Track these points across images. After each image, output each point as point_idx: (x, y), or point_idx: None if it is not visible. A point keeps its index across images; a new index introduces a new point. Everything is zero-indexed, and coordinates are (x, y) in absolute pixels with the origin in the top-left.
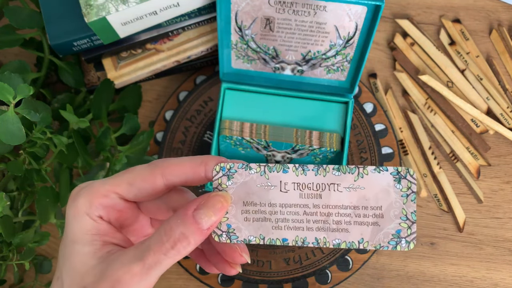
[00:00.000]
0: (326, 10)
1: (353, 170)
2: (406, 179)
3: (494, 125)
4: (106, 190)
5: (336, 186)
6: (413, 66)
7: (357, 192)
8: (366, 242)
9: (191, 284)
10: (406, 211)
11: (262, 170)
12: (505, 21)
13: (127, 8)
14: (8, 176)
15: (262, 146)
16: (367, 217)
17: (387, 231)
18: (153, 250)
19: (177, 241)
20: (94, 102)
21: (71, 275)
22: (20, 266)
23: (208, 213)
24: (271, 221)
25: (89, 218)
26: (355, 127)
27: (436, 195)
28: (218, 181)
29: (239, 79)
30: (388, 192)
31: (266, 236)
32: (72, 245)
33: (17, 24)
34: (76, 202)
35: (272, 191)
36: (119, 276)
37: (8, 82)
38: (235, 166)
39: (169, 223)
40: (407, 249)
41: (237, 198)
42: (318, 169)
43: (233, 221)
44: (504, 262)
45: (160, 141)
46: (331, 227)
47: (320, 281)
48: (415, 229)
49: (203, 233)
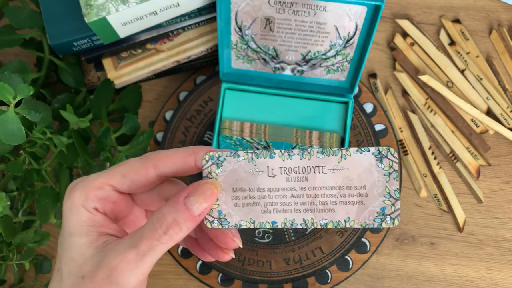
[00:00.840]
0: (326, 10)
1: (337, 152)
2: (387, 158)
3: (494, 125)
4: (101, 183)
5: (321, 168)
6: (413, 66)
7: (341, 173)
8: (352, 221)
9: (191, 284)
10: (389, 189)
11: (249, 157)
12: (505, 21)
13: (127, 8)
14: (8, 176)
15: (262, 146)
16: (352, 196)
17: (372, 209)
18: (146, 237)
19: (169, 227)
20: (94, 102)
21: (70, 266)
22: (20, 266)
23: (198, 199)
24: (260, 205)
25: (85, 210)
26: (355, 127)
27: (436, 195)
28: (208, 169)
29: (239, 79)
30: (371, 172)
31: (256, 220)
32: (69, 237)
33: (17, 24)
34: (72, 196)
35: (260, 177)
36: (115, 264)
37: (8, 82)
38: (224, 154)
39: (162, 211)
40: (392, 225)
41: (226, 185)
42: (303, 153)
43: (223, 207)
44: (504, 262)
45: (160, 141)
46: (318, 208)
47: (320, 281)
48: (399, 206)
49: (194, 219)
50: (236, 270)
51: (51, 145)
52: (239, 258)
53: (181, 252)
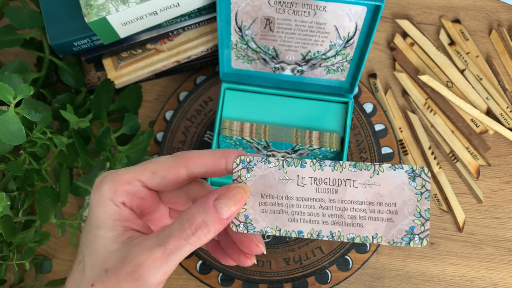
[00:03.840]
0: (326, 10)
1: (369, 167)
2: (420, 177)
3: (494, 125)
4: (130, 178)
5: (352, 182)
6: (413, 66)
7: (372, 189)
8: (380, 238)
9: (191, 284)
10: (420, 209)
11: (280, 164)
12: (505, 21)
13: (127, 8)
14: (8, 176)
15: (262, 146)
16: (381, 213)
17: (401, 228)
18: (175, 236)
19: (198, 228)
20: (94, 102)
21: (94, 259)
22: (20, 266)
23: (228, 203)
24: (288, 213)
25: (113, 204)
26: (355, 127)
27: (436, 195)
28: (238, 173)
29: (239, 79)
30: (403, 190)
31: (282, 228)
32: (95, 229)
33: (17, 24)
34: (101, 189)
35: (289, 185)
36: (141, 260)
37: (9, 82)
38: (255, 159)
39: (191, 211)
40: (420, 245)
41: (255, 190)
42: (335, 165)
43: (251, 212)
44: (504, 262)
45: (160, 141)
46: (346, 221)
47: (320, 281)
48: (428, 226)
49: (222, 222)
50: (236, 270)
51: (51, 145)
52: None
53: None
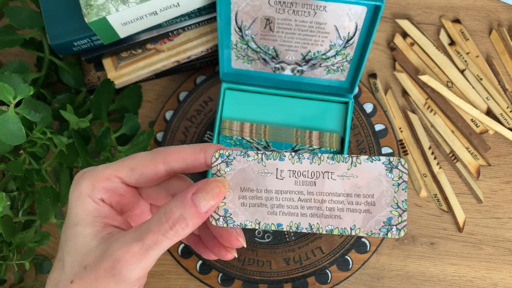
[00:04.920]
0: (326, 10)
1: (347, 159)
2: (397, 168)
3: (494, 125)
4: (109, 174)
5: (330, 174)
6: (413, 66)
7: (350, 180)
8: (358, 229)
9: (191, 284)
10: (397, 200)
11: (259, 157)
12: (505, 21)
13: (127, 8)
14: (8, 176)
15: (262, 146)
16: (359, 204)
17: (379, 219)
18: (153, 230)
19: (176, 222)
20: (94, 102)
21: (73, 256)
22: (20, 266)
23: (206, 197)
24: (267, 206)
25: (91, 201)
26: (355, 127)
27: (436, 195)
28: (217, 167)
29: (239, 79)
30: (380, 181)
31: (262, 221)
32: (74, 227)
33: (17, 24)
34: (79, 185)
35: (268, 178)
36: (119, 256)
37: (8, 82)
38: (234, 153)
39: (169, 206)
40: (398, 236)
41: (234, 184)
42: (313, 157)
43: (230, 206)
44: (504, 262)
45: (160, 141)
46: (325, 213)
47: (320, 281)
48: (405, 217)
49: (201, 216)
50: (236, 270)
51: (51, 145)
52: (239, 258)
53: (181, 252)
